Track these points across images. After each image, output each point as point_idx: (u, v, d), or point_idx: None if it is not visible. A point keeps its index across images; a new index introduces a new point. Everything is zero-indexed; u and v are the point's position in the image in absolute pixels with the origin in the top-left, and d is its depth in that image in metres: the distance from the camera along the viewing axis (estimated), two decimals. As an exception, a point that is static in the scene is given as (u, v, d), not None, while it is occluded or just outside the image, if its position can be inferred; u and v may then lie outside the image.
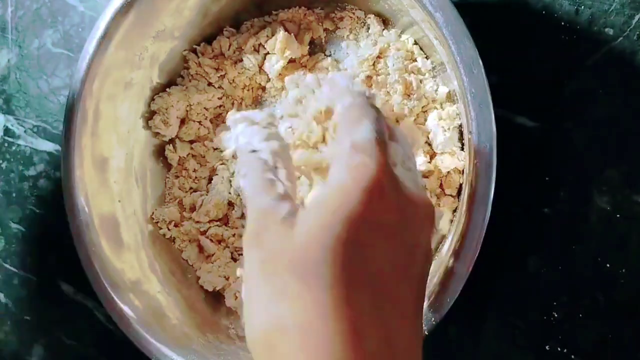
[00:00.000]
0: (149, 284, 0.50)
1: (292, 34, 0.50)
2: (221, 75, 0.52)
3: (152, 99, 0.52)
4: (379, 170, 0.29)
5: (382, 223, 0.29)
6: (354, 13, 0.50)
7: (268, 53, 0.51)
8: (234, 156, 0.34)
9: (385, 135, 0.32)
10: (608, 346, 0.46)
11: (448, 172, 0.46)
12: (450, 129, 0.46)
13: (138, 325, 0.46)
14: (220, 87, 0.53)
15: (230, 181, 0.52)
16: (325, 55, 0.51)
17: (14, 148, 0.60)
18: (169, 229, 0.52)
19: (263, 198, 0.30)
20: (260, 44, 0.51)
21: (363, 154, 0.29)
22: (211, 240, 0.51)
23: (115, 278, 0.48)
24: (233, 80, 0.52)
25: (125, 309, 0.47)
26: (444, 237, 0.46)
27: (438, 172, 0.46)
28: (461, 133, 0.46)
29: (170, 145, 0.53)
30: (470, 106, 0.39)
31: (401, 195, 0.30)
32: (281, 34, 0.49)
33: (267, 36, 0.51)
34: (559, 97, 0.46)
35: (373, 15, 0.49)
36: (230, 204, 0.52)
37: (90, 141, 0.49)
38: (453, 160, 0.45)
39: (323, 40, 0.51)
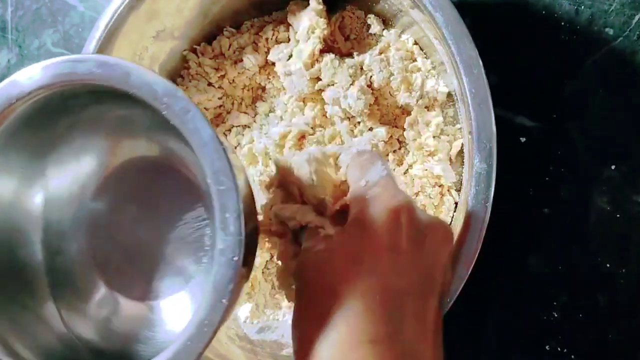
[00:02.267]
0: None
1: (323, 7, 0.49)
2: (221, 75, 0.52)
3: (152, 99, 0.52)
4: (408, 200, 0.33)
5: (408, 247, 0.32)
6: (353, 13, 0.50)
7: (268, 51, 0.51)
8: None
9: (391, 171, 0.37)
10: (608, 346, 0.46)
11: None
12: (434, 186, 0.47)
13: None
14: (220, 87, 0.53)
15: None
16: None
17: (14, 148, 0.60)
18: (169, 229, 0.52)
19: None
20: (267, 38, 0.51)
21: (388, 188, 0.34)
22: (211, 240, 0.51)
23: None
24: (233, 80, 0.52)
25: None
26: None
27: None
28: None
29: (171, 145, 0.53)
30: (470, 106, 0.39)
31: (422, 219, 0.33)
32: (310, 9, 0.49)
33: (273, 30, 0.51)
34: (559, 97, 0.46)
35: (373, 15, 0.49)
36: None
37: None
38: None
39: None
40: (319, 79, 0.49)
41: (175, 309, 0.41)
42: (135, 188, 0.42)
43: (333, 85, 0.48)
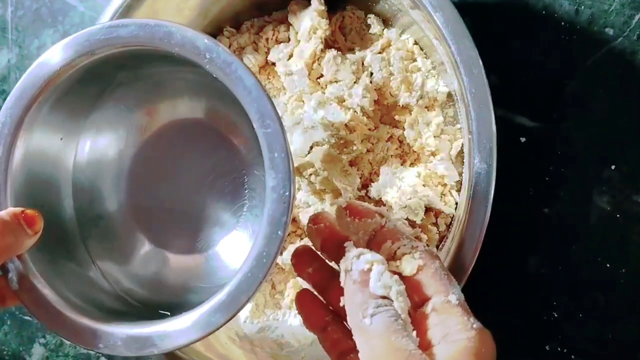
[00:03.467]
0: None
1: (324, 8, 0.49)
2: (221, 75, 0.52)
3: (152, 99, 0.52)
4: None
5: None
6: (354, 13, 0.50)
7: (268, 51, 0.51)
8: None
9: None
10: (608, 346, 0.46)
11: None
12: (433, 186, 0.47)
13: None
14: (220, 87, 0.53)
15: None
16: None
17: (14, 148, 0.60)
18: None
19: (401, 338, 0.29)
20: (267, 38, 0.51)
21: (473, 317, 0.31)
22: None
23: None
24: (233, 80, 0.52)
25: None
26: (444, 238, 0.46)
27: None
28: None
29: (171, 145, 0.53)
30: (470, 106, 0.39)
31: None
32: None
33: (274, 30, 0.51)
34: (559, 97, 0.46)
35: (373, 15, 0.49)
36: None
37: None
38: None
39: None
40: (319, 78, 0.49)
41: (221, 258, 0.43)
42: (171, 149, 0.44)
43: (337, 82, 0.48)
